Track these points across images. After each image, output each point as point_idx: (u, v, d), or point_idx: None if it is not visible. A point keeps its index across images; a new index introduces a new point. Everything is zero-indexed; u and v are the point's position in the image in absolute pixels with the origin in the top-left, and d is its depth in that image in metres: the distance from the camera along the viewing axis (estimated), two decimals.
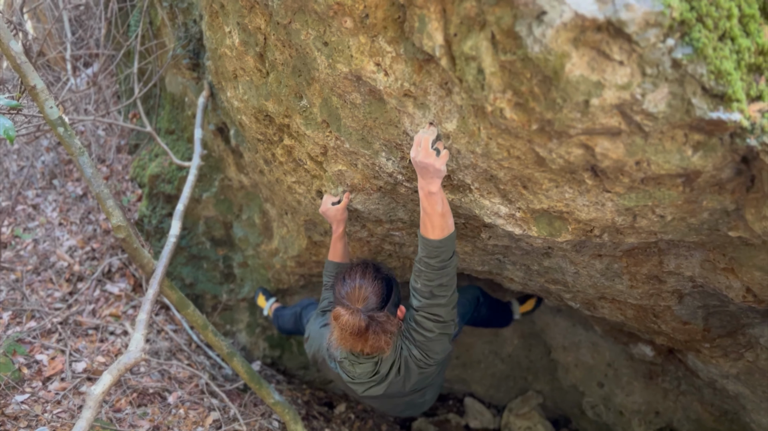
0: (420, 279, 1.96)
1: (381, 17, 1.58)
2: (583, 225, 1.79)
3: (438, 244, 1.87)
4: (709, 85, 1.27)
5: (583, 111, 1.31)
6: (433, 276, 1.92)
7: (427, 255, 1.91)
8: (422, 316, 2.01)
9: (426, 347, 2.06)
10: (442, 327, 2.02)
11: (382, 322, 1.97)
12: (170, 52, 3.36)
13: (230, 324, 4.10)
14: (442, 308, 1.97)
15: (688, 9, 1.22)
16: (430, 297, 1.96)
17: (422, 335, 2.03)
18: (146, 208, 3.93)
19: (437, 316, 1.99)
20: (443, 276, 1.93)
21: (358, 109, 1.92)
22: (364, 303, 1.96)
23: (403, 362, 2.12)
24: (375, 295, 1.99)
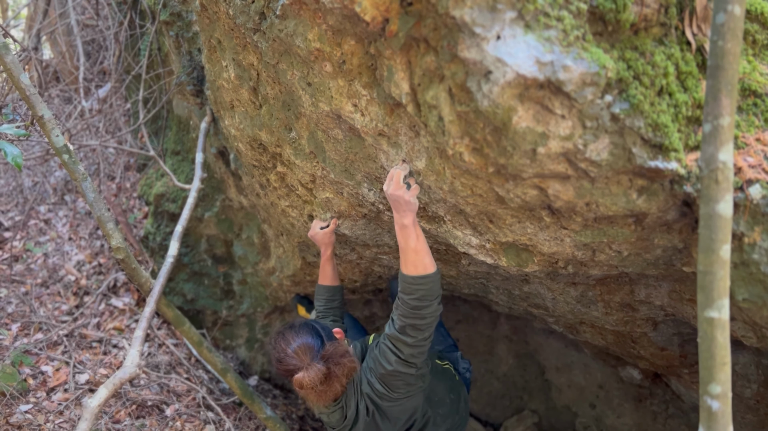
0: (397, 311, 1.92)
1: (356, 64, 1.71)
2: (547, 257, 1.90)
3: (411, 281, 1.84)
4: (648, 136, 1.38)
5: (532, 158, 1.43)
6: (408, 313, 1.87)
7: (402, 290, 1.88)
8: (386, 345, 1.96)
9: (386, 380, 1.99)
10: (401, 364, 1.93)
11: (333, 355, 1.95)
12: (176, 78, 3.52)
13: (230, 339, 4.23)
14: (407, 347, 1.91)
15: (625, 68, 1.33)
16: (400, 331, 1.90)
17: (382, 366, 1.96)
18: (151, 226, 4.08)
19: (398, 351, 1.92)
20: (417, 318, 1.87)
21: (340, 144, 2.04)
22: (309, 354, 1.93)
23: (368, 400, 2.05)
24: (311, 339, 1.98)
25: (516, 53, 1.26)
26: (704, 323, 1.22)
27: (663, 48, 1.39)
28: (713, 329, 1.21)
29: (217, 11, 2.25)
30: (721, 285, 1.20)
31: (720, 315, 1.20)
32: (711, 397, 1.23)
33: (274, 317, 4.19)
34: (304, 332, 2.02)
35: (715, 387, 1.23)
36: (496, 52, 1.28)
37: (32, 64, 4.25)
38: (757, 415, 2.67)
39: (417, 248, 1.84)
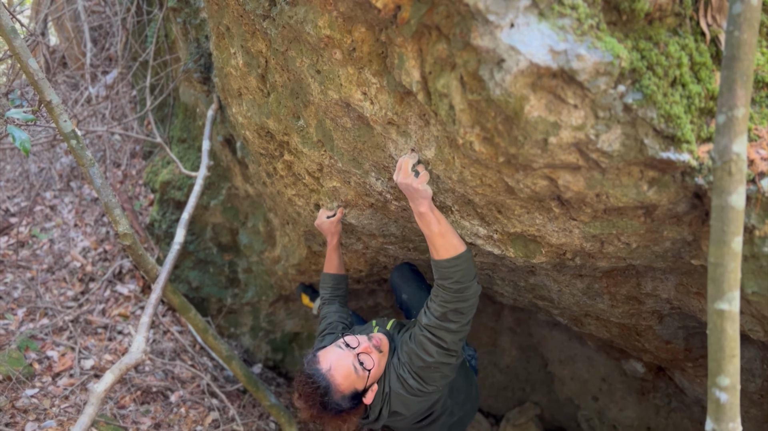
0: (437, 299, 1.91)
1: (366, 51, 1.70)
2: (555, 249, 1.89)
3: (446, 264, 1.85)
4: (660, 127, 1.38)
5: (543, 148, 1.42)
6: (450, 298, 1.87)
7: (440, 277, 1.88)
8: (426, 337, 1.95)
9: (423, 374, 2.01)
10: (443, 354, 1.96)
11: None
12: (183, 65, 3.51)
13: (234, 327, 4.24)
14: (450, 334, 1.92)
15: (639, 58, 1.32)
16: (442, 318, 1.90)
17: (420, 359, 1.98)
18: (157, 213, 4.08)
19: (440, 340, 1.94)
20: (460, 301, 1.88)
21: (349, 133, 2.04)
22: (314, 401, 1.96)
23: (394, 398, 2.07)
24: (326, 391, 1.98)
25: (530, 41, 1.25)
26: (714, 315, 1.22)
27: (677, 38, 1.38)
28: (723, 321, 1.21)
29: None
30: (732, 278, 1.19)
31: (730, 308, 1.20)
32: (719, 389, 1.23)
33: (278, 306, 4.20)
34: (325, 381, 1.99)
35: (724, 380, 1.23)
36: (510, 40, 1.27)
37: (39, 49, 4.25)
38: (761, 410, 2.67)
39: (441, 232, 1.84)
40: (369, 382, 2.04)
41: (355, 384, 2.00)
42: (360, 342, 2.09)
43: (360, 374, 2.00)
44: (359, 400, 2.03)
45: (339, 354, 2.03)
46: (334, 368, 1.99)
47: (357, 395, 2.02)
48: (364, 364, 2.02)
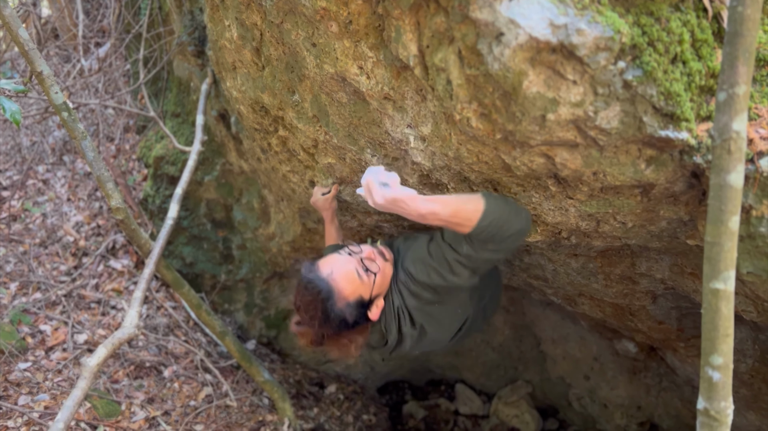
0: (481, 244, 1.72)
1: (363, 24, 1.67)
2: (551, 228, 1.88)
3: (478, 231, 1.64)
4: (659, 105, 1.36)
5: (541, 124, 1.40)
6: (502, 235, 1.68)
7: (482, 242, 1.68)
8: (460, 262, 1.77)
9: (441, 291, 1.84)
10: (471, 276, 1.81)
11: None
12: (177, 38, 3.46)
13: (228, 304, 4.24)
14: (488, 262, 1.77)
15: (640, 34, 1.30)
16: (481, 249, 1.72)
17: (442, 277, 1.81)
18: (150, 188, 4.05)
19: (476, 267, 1.79)
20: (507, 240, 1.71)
21: (345, 108, 2.01)
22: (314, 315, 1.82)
23: (415, 312, 1.91)
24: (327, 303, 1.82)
25: (529, 15, 1.23)
26: (709, 294, 1.21)
27: (679, 14, 1.35)
28: (718, 300, 1.20)
29: None
30: (728, 257, 1.19)
31: (725, 287, 1.19)
32: (712, 368, 1.23)
33: (272, 283, 4.20)
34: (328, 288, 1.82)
35: (717, 359, 1.23)
36: (509, 13, 1.24)
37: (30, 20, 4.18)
38: (751, 390, 2.69)
39: (452, 211, 1.63)
40: (375, 292, 1.87)
41: (359, 291, 1.82)
42: (363, 249, 1.94)
43: (365, 280, 1.83)
44: (364, 313, 1.86)
45: (341, 259, 1.87)
46: (337, 272, 1.81)
47: (362, 305, 1.84)
48: (369, 269, 1.86)
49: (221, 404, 3.25)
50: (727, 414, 1.25)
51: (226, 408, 3.28)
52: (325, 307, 1.78)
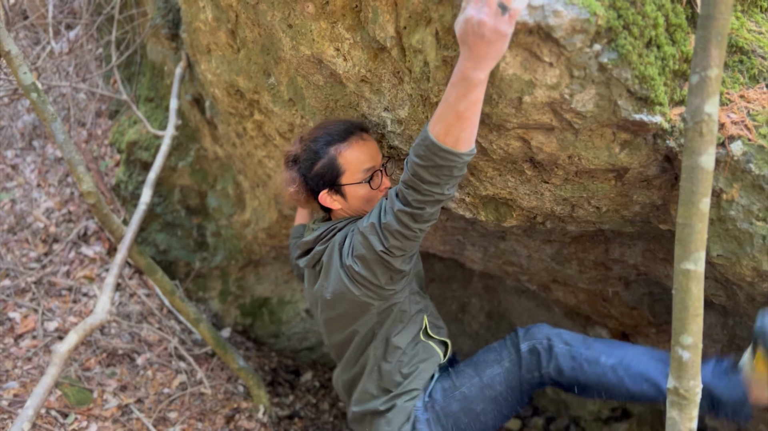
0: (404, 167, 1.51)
1: (340, 5, 1.65)
2: (526, 212, 1.90)
3: (430, 144, 1.37)
4: (634, 88, 1.37)
5: (517, 107, 1.41)
6: (406, 178, 1.47)
7: (415, 146, 1.43)
8: (381, 200, 1.62)
9: (354, 238, 1.66)
10: (376, 227, 1.56)
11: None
12: (150, 20, 3.40)
13: (202, 291, 4.20)
14: (390, 214, 1.52)
15: (616, 17, 1.30)
16: (398, 192, 1.52)
17: (365, 217, 1.64)
18: (123, 174, 3.99)
19: (383, 212, 1.57)
20: (411, 190, 1.46)
21: (321, 91, 1.99)
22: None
23: (329, 248, 1.77)
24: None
25: None
26: (680, 275, 1.23)
27: None
28: (688, 281, 1.22)
29: None
30: (699, 238, 1.20)
31: (696, 268, 1.21)
32: (682, 347, 1.25)
33: (248, 270, 4.17)
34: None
35: (687, 338, 1.25)
36: None
37: None
38: None
39: (465, 114, 1.32)
40: (348, 188, 1.78)
41: (349, 167, 1.75)
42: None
43: (361, 174, 1.76)
44: (324, 183, 1.78)
45: (375, 147, 1.82)
46: (362, 143, 1.77)
47: (334, 176, 1.76)
48: (370, 180, 1.77)
49: (195, 391, 3.23)
50: (696, 392, 1.27)
51: (201, 396, 3.26)
52: (319, 139, 1.79)
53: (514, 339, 1.85)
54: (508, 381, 1.81)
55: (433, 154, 1.38)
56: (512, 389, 1.82)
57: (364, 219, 1.64)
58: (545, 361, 1.75)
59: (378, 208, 1.60)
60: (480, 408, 1.82)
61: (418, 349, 1.88)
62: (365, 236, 1.59)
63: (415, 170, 1.42)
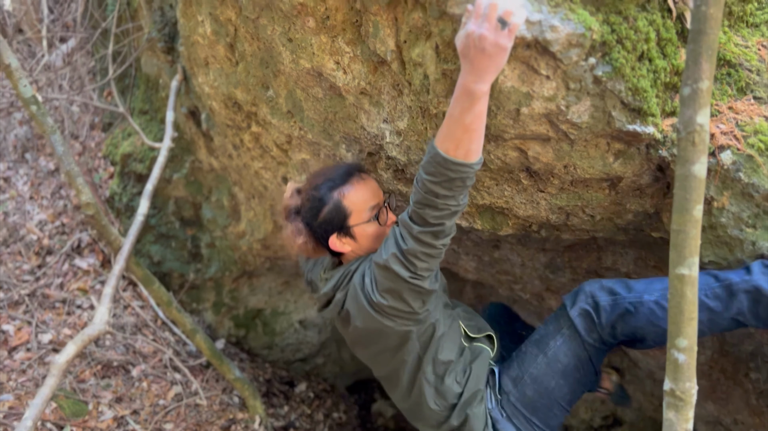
0: (413, 190, 1.52)
1: (340, 20, 1.69)
2: (522, 221, 1.94)
3: (441, 162, 1.40)
4: (627, 100, 1.42)
5: (515, 118, 1.45)
6: (421, 198, 1.48)
7: (425, 164, 1.45)
8: (394, 229, 1.61)
9: (375, 275, 1.64)
10: (400, 258, 1.56)
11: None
12: (146, 34, 3.43)
13: (196, 303, 4.20)
14: (411, 239, 1.53)
15: (609, 32, 1.36)
16: (412, 216, 1.53)
17: (380, 253, 1.63)
18: (117, 186, 4.00)
19: (402, 239, 1.56)
20: (429, 208, 1.48)
21: (320, 103, 2.03)
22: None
23: (351, 290, 1.76)
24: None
25: None
26: (675, 280, 1.27)
27: (645, 14, 1.42)
28: (683, 285, 1.26)
29: None
30: (693, 244, 1.25)
31: (690, 272, 1.25)
32: (678, 350, 1.29)
33: (242, 281, 4.18)
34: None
35: (683, 341, 1.29)
36: None
37: None
38: (710, 381, 2.80)
39: (471, 126, 1.35)
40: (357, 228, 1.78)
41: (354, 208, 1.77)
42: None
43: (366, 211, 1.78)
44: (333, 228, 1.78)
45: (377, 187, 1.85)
46: (363, 184, 1.81)
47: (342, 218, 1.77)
48: (377, 217, 1.80)
49: (191, 403, 3.23)
50: (692, 394, 1.31)
51: (196, 407, 3.26)
52: (324, 185, 1.80)
53: (564, 309, 1.80)
54: (573, 350, 1.77)
55: (446, 169, 1.41)
56: (579, 357, 1.77)
57: (380, 252, 1.63)
58: (597, 319, 1.70)
59: (392, 238, 1.60)
60: (553, 384, 1.79)
61: (466, 355, 1.86)
62: (388, 268, 1.58)
63: (429, 188, 1.45)
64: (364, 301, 1.69)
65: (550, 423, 1.83)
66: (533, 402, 1.80)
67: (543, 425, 1.82)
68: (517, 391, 1.81)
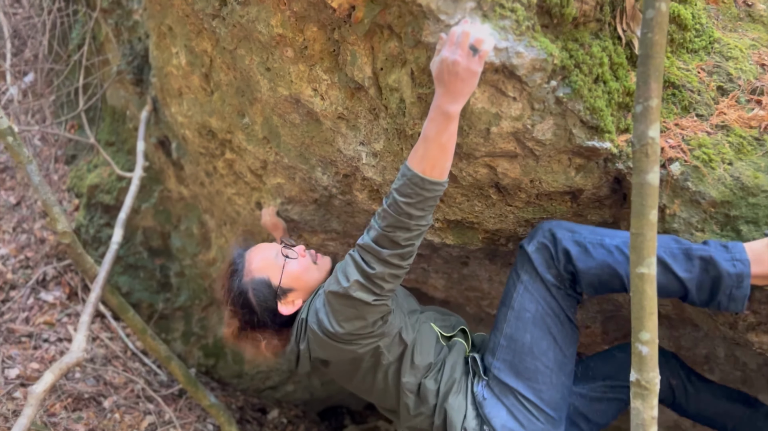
0: (381, 221, 1.55)
1: (318, 49, 1.81)
2: (491, 235, 2.06)
3: (419, 181, 1.47)
4: (586, 118, 1.57)
5: (485, 137, 1.58)
6: (393, 221, 1.52)
7: (400, 187, 1.50)
8: (352, 256, 1.63)
9: (332, 306, 1.66)
10: (364, 283, 1.57)
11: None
12: (114, 67, 3.48)
13: (165, 333, 4.18)
14: (379, 263, 1.56)
15: (568, 57, 1.51)
16: (378, 241, 1.55)
17: (337, 282, 1.63)
18: (84, 218, 3.99)
19: (366, 265, 1.58)
20: (401, 230, 1.52)
21: (297, 128, 2.13)
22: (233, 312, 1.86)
23: (311, 335, 1.75)
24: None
25: None
26: (636, 278, 1.40)
27: (599, 41, 1.57)
28: (643, 283, 1.39)
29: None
30: (650, 245, 1.38)
31: (649, 271, 1.38)
32: (641, 343, 1.42)
33: (211, 310, 4.19)
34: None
35: (645, 335, 1.41)
36: None
37: None
38: None
39: (447, 146, 1.46)
40: (284, 279, 1.82)
41: (268, 271, 1.83)
42: (297, 244, 1.97)
43: (277, 262, 1.84)
44: (272, 302, 1.81)
45: (267, 244, 1.94)
46: (255, 250, 1.91)
47: (269, 287, 1.82)
48: (287, 256, 1.86)
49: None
50: (656, 383, 1.43)
51: None
52: (233, 278, 1.84)
53: (522, 250, 1.76)
54: (537, 293, 1.71)
55: (422, 189, 1.48)
56: (546, 301, 1.71)
57: (334, 281, 1.65)
58: (554, 251, 1.66)
59: (351, 265, 1.61)
60: (528, 337, 1.72)
61: (443, 353, 1.84)
62: (349, 296, 1.60)
63: (404, 210, 1.49)
64: (325, 337, 1.69)
65: (544, 397, 1.72)
66: (515, 367, 1.72)
67: (536, 397, 1.72)
68: (498, 360, 1.76)
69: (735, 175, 1.60)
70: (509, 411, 1.71)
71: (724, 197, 1.60)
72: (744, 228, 1.59)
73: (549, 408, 1.72)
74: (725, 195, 1.60)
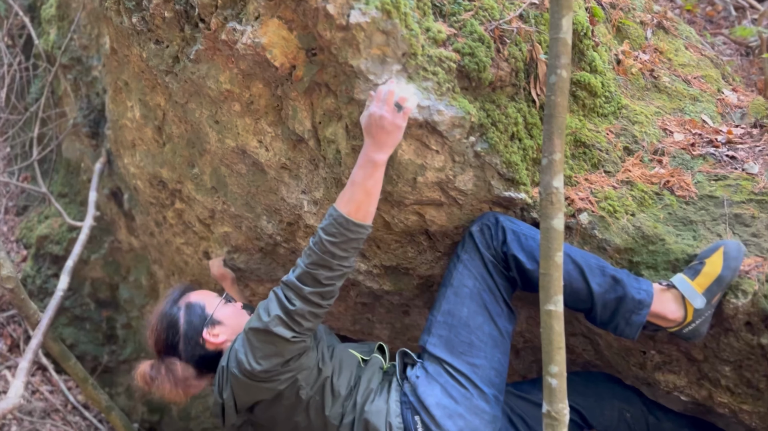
0: (305, 254, 1.64)
1: (263, 104, 1.95)
2: (425, 281, 2.19)
3: (344, 222, 1.57)
4: (503, 171, 1.73)
5: (413, 185, 1.73)
6: (317, 259, 1.60)
7: (325, 228, 1.60)
8: (275, 292, 1.67)
9: (251, 343, 1.66)
10: (284, 319, 1.61)
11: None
12: (71, 120, 3.57)
13: (109, 387, 4.12)
14: (300, 300, 1.61)
15: (485, 116, 1.68)
16: (301, 278, 1.62)
17: (258, 318, 1.66)
18: (31, 268, 3.98)
19: (288, 301, 1.62)
20: (323, 268, 1.60)
21: (243, 178, 2.25)
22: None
23: (233, 380, 1.73)
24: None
25: None
26: (544, 315, 1.53)
27: (514, 103, 1.76)
28: (551, 319, 1.52)
29: (128, 54, 2.42)
30: (557, 284, 1.52)
31: (556, 308, 1.52)
32: (551, 376, 1.53)
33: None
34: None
35: (554, 368, 1.53)
36: None
37: None
38: None
39: (372, 191, 1.60)
40: (217, 311, 1.88)
41: (205, 300, 1.93)
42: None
43: (217, 297, 1.97)
44: (200, 325, 1.84)
45: (211, 291, 2.07)
46: (198, 290, 2.03)
47: (201, 311, 1.87)
48: (228, 300, 1.97)
49: None
50: (565, 414, 1.54)
51: None
52: (167, 301, 1.91)
53: (467, 233, 1.83)
54: (476, 269, 1.76)
55: (346, 230, 1.57)
56: (483, 278, 1.75)
57: (256, 317, 1.67)
58: (494, 232, 1.73)
59: (273, 302, 1.65)
60: (465, 311, 1.75)
61: (359, 371, 1.84)
62: (269, 331, 1.62)
63: (327, 248, 1.58)
64: (245, 378, 1.68)
65: (478, 371, 1.72)
66: (451, 341, 1.73)
67: (470, 370, 1.71)
68: (434, 336, 1.77)
69: (637, 224, 1.78)
70: (443, 388, 1.70)
71: (627, 244, 1.77)
72: (645, 273, 1.75)
73: (483, 384, 1.72)
74: (628, 242, 1.77)
